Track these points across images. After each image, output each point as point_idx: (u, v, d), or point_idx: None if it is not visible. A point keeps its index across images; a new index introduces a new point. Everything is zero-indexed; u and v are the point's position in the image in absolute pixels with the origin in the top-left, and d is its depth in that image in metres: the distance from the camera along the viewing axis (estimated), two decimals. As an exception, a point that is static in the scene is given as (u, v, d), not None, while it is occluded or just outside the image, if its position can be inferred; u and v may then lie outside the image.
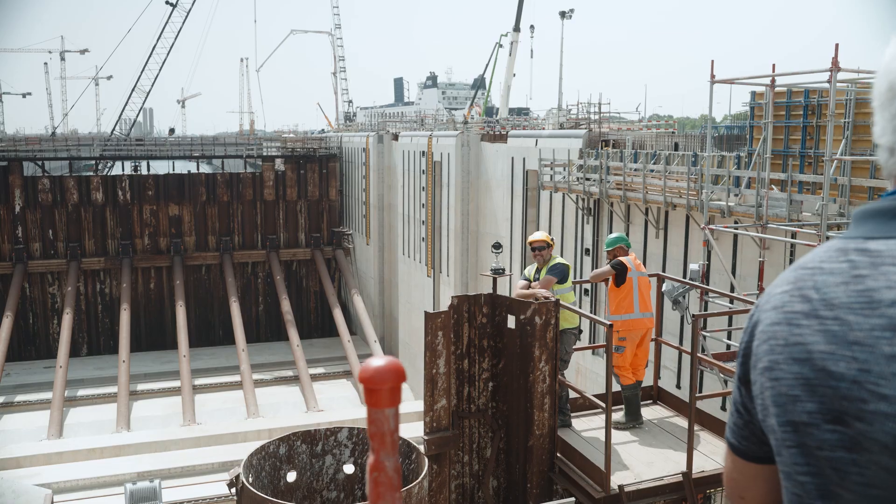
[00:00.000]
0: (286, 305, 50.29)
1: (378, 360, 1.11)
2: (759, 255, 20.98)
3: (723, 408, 19.66)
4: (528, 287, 8.13)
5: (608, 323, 7.09)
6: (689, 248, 24.24)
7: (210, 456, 35.64)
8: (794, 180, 18.39)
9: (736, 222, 20.11)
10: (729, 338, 18.26)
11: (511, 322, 7.49)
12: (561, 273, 8.17)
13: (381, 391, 1.08)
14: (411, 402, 44.30)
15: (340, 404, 43.17)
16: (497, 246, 8.35)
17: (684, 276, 21.13)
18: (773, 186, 18.58)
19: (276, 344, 53.20)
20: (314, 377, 45.89)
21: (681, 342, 20.62)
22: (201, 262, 53.94)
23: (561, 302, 7.65)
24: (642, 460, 7.43)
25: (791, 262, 20.14)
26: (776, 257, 19.31)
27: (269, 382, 46.84)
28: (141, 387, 44.80)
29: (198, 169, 56.97)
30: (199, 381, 45.14)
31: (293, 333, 47.78)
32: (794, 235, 17.10)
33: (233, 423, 39.43)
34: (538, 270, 8.40)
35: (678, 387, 21.76)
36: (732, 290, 19.10)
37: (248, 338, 47.55)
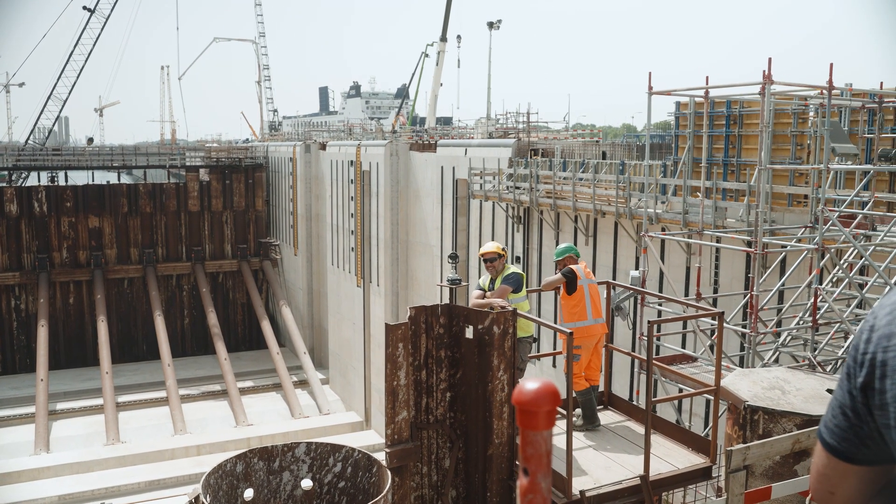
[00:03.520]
0: (213, 318, 49.33)
1: (534, 383, 1.11)
2: (685, 260, 21.62)
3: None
4: (484, 297, 8.22)
5: (568, 331, 7.21)
6: (617, 254, 24.77)
7: (136, 475, 34.64)
8: (719, 188, 19.00)
9: (663, 229, 20.65)
10: (658, 340, 18.68)
11: (469, 332, 7.54)
12: (515, 282, 8.28)
13: (538, 414, 1.09)
14: (342, 413, 44.03)
15: (271, 418, 42.52)
16: (453, 257, 8.40)
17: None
18: (697, 193, 19.15)
19: (203, 358, 52.07)
20: (243, 391, 45.11)
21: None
22: (123, 276, 52.41)
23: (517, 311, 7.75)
24: (600, 465, 7.57)
25: (717, 266, 20.82)
26: (703, 261, 19.88)
27: (197, 397, 45.81)
28: (61, 406, 43.20)
29: (118, 179, 55.38)
30: (123, 398, 43.82)
31: (220, 347, 46.88)
32: (718, 240, 17.62)
33: (159, 441, 38.42)
34: (492, 280, 8.48)
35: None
36: (662, 293, 19.61)
37: (173, 352, 46.47)
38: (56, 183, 52.51)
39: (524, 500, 1.10)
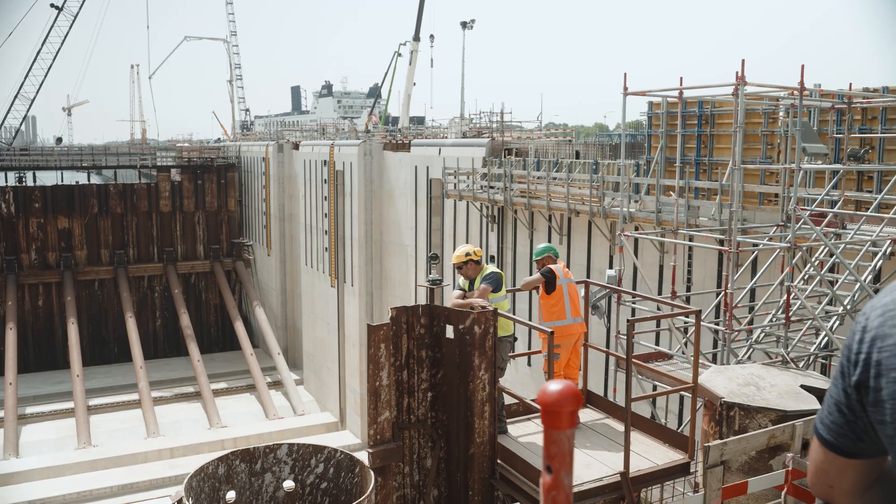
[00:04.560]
0: (185, 319, 48.92)
1: (557, 385, 1.16)
2: (659, 259, 21.85)
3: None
4: (464, 297, 8.26)
5: (549, 330, 7.28)
6: (591, 253, 24.96)
7: (108, 479, 34.31)
8: (691, 187, 19.22)
9: (636, 228, 20.84)
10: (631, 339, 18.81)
11: (449, 332, 7.59)
12: (495, 282, 8.32)
13: (562, 414, 1.14)
14: (317, 413, 43.89)
15: (245, 419, 42.29)
16: (434, 257, 8.44)
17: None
18: (670, 193, 19.36)
19: (176, 360, 51.66)
20: (216, 392, 44.79)
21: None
22: (94, 277, 51.80)
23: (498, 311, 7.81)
24: (580, 462, 7.64)
25: (690, 264, 21.06)
26: (677, 260, 20.08)
27: (170, 399, 45.42)
28: (30, 410, 42.63)
29: (88, 180, 54.73)
30: (95, 402, 43.34)
31: (193, 348, 46.50)
32: (691, 239, 17.81)
33: (132, 444, 38.06)
34: (472, 281, 8.52)
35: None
36: (636, 291, 19.80)
37: (145, 354, 46.01)
38: (24, 183, 51.82)
39: (547, 497, 1.15)
